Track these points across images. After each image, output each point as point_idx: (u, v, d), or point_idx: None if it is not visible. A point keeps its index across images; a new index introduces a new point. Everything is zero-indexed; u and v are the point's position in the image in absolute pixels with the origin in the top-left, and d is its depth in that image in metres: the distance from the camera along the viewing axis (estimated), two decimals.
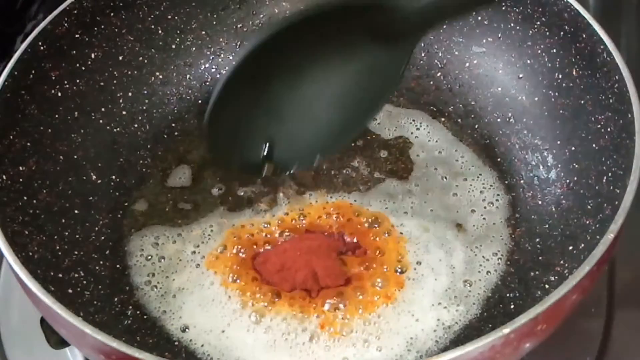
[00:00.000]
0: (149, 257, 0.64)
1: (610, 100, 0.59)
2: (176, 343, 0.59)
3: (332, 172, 0.70)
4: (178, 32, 0.76)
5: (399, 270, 0.62)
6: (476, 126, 0.72)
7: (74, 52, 0.69)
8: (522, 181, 0.67)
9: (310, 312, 0.60)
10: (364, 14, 0.56)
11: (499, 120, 0.71)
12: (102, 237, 0.65)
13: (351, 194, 0.68)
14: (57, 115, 0.67)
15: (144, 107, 0.74)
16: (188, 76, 0.76)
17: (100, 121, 0.70)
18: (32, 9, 0.90)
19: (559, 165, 0.65)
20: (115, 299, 0.61)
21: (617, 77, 0.58)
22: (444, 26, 0.74)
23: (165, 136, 0.73)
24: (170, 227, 0.66)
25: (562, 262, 0.58)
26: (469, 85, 0.74)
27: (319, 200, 0.68)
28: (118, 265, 0.64)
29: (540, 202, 0.65)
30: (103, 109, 0.71)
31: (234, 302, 0.61)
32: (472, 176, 0.69)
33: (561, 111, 0.65)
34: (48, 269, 0.57)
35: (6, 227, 0.56)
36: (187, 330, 0.60)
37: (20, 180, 0.61)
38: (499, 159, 0.69)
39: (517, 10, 0.69)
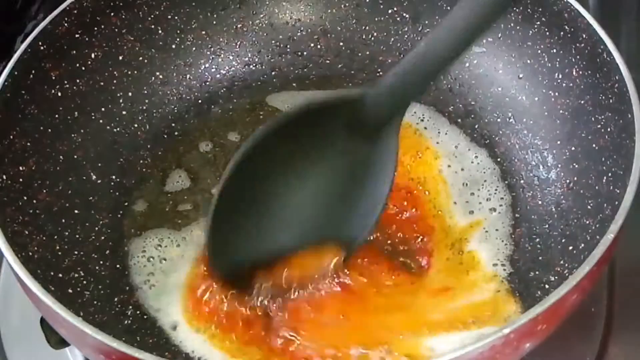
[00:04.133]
0: (151, 259, 0.64)
1: (610, 100, 0.59)
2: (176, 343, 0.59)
3: None
4: (178, 32, 0.76)
5: None
6: (476, 126, 0.71)
7: (74, 52, 0.69)
8: (522, 181, 0.67)
9: None
10: (336, 111, 0.54)
11: (499, 120, 0.71)
12: (102, 237, 0.65)
13: None
14: (57, 115, 0.67)
15: (144, 107, 0.73)
16: (188, 76, 0.76)
17: (100, 121, 0.70)
18: (32, 9, 0.90)
19: (559, 165, 0.65)
20: (115, 299, 0.61)
21: (617, 77, 0.58)
22: None
23: (165, 136, 0.73)
24: (173, 229, 0.66)
25: (562, 262, 0.58)
26: (469, 85, 0.74)
27: None
28: (118, 265, 0.64)
29: (540, 202, 0.65)
30: (103, 109, 0.71)
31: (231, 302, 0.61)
32: None
33: (561, 111, 0.65)
34: (48, 269, 0.57)
35: (6, 227, 0.55)
36: (176, 328, 0.59)
37: (20, 180, 0.61)
38: (499, 159, 0.69)
39: (517, 10, 0.69)
